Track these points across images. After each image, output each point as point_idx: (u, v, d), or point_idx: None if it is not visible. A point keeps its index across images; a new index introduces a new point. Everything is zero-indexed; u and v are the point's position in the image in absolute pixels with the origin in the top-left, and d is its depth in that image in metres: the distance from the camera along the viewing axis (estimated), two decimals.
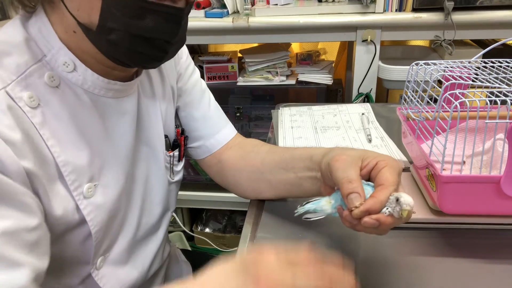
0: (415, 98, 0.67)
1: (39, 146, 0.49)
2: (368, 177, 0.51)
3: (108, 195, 0.58)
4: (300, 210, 0.52)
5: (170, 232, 1.75)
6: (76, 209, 0.54)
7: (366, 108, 1.09)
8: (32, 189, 0.47)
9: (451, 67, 0.67)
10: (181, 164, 0.75)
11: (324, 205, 0.51)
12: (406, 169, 0.78)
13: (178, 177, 0.75)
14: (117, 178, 0.59)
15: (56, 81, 0.52)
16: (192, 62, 0.77)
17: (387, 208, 0.45)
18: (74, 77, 0.53)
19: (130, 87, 0.60)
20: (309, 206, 0.52)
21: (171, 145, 0.73)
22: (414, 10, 1.21)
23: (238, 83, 1.47)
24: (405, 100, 0.70)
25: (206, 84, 0.80)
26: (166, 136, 0.70)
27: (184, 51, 0.75)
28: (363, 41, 1.26)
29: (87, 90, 0.55)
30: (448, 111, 0.55)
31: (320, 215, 0.51)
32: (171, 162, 0.72)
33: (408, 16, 1.20)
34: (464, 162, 0.62)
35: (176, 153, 0.72)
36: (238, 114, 1.53)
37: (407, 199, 0.44)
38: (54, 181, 0.51)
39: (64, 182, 0.52)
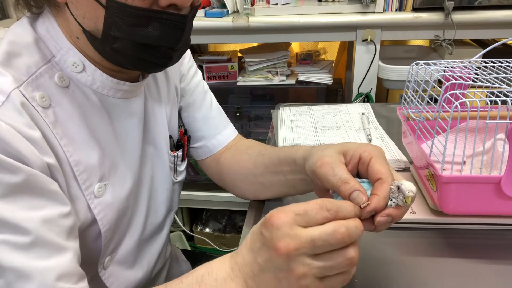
0: (415, 98, 0.67)
1: (53, 145, 0.50)
2: (357, 171, 0.50)
3: (117, 195, 0.58)
4: None
5: (170, 232, 1.75)
6: (88, 208, 0.54)
7: (366, 108, 1.09)
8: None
9: (451, 67, 0.67)
10: (184, 164, 0.75)
11: None
12: (406, 169, 0.78)
13: (181, 177, 0.75)
14: (125, 178, 0.60)
15: (66, 81, 0.53)
16: (194, 64, 0.78)
17: (391, 200, 0.45)
18: (83, 77, 0.54)
19: (138, 87, 0.60)
20: None
21: (175, 145, 0.73)
22: (414, 9, 1.21)
23: (238, 83, 1.47)
24: (405, 100, 0.70)
25: (206, 83, 0.80)
26: (170, 137, 0.70)
27: (186, 52, 0.75)
28: (363, 40, 1.26)
29: (96, 90, 0.55)
30: (448, 111, 0.55)
31: None
32: (175, 162, 0.72)
33: (408, 15, 1.20)
34: (464, 162, 0.61)
35: (179, 153, 0.72)
36: (238, 114, 1.53)
37: (408, 185, 0.44)
38: (68, 180, 0.52)
39: (76, 182, 0.53)
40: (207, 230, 1.83)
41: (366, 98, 1.33)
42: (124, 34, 0.48)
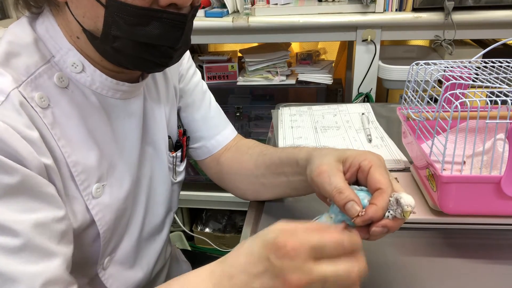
0: (415, 98, 0.67)
1: (52, 146, 0.50)
2: (356, 179, 0.50)
3: (115, 195, 0.58)
4: None
5: (170, 232, 1.75)
6: (86, 209, 0.54)
7: (366, 108, 1.09)
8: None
9: (452, 67, 0.67)
10: (184, 164, 0.75)
11: (326, 222, 0.49)
12: (406, 169, 0.78)
13: (180, 177, 0.75)
14: (123, 179, 0.60)
15: (65, 82, 0.52)
16: (194, 64, 0.78)
17: (389, 212, 0.45)
18: (83, 78, 0.54)
19: (137, 88, 0.60)
20: None
21: (174, 146, 0.73)
22: (414, 10, 1.20)
23: (238, 83, 1.47)
24: (405, 100, 0.70)
25: (206, 84, 0.80)
26: (169, 137, 0.70)
27: (185, 52, 0.75)
28: (363, 40, 1.26)
29: (95, 91, 0.55)
30: (448, 111, 0.55)
31: None
32: (174, 163, 0.72)
33: (408, 16, 1.20)
34: (464, 162, 0.61)
35: (178, 153, 0.72)
36: (238, 114, 1.53)
37: (407, 199, 0.44)
38: (65, 181, 0.51)
39: (74, 183, 0.52)
40: (207, 230, 1.83)
41: (366, 98, 1.33)
42: (124, 33, 0.48)
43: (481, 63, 0.69)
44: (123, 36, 0.49)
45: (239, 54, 1.54)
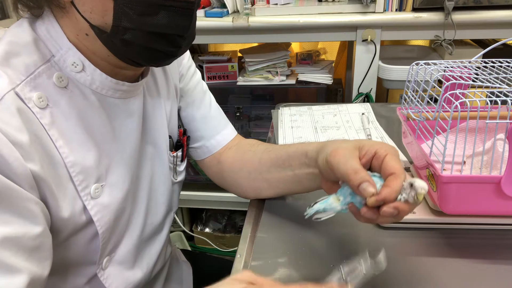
0: (415, 98, 0.67)
1: (48, 147, 0.49)
2: (369, 167, 0.51)
3: (115, 195, 0.58)
4: (310, 211, 0.51)
5: (170, 232, 1.75)
6: (84, 209, 0.54)
7: (366, 108, 1.09)
8: (38, 192, 0.47)
9: (451, 67, 0.67)
10: (184, 164, 0.75)
11: (332, 203, 0.50)
12: (406, 169, 0.78)
13: (181, 177, 0.75)
14: (123, 179, 0.60)
15: (64, 82, 0.52)
16: (194, 64, 0.78)
17: (401, 195, 0.46)
18: (82, 77, 0.54)
19: (137, 87, 0.60)
20: (318, 206, 0.51)
21: (174, 146, 0.73)
22: (414, 9, 1.20)
23: (238, 83, 1.47)
24: (405, 100, 0.70)
25: (206, 83, 0.80)
26: (169, 137, 0.70)
27: (186, 52, 0.75)
28: (363, 40, 1.26)
29: (95, 90, 0.55)
30: (448, 111, 0.55)
31: (330, 213, 0.50)
32: (175, 163, 0.72)
33: (408, 15, 1.20)
34: (464, 162, 0.61)
35: (179, 153, 0.72)
36: (238, 114, 1.53)
37: (421, 183, 0.45)
38: (62, 182, 0.51)
39: (72, 183, 0.52)
40: (207, 230, 1.83)
41: (366, 98, 1.33)
42: (134, 24, 0.49)
43: (481, 63, 0.68)
44: (134, 27, 0.49)
45: (239, 54, 1.54)
